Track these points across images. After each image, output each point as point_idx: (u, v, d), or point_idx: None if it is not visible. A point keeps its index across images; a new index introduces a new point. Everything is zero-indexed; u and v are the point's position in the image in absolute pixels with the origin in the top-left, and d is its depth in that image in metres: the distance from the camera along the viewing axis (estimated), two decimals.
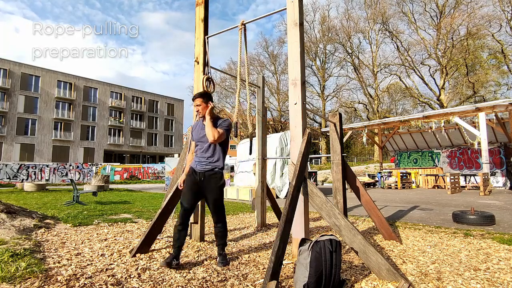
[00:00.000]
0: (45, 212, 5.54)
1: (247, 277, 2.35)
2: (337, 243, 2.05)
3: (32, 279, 2.20)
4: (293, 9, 2.85)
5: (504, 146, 14.24)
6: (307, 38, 36.67)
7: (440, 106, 29.40)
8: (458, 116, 11.94)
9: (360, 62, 36.25)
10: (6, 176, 21.87)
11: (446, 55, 29.25)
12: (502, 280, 2.24)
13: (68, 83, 35.85)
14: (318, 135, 35.71)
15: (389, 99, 37.01)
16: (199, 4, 3.80)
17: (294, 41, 2.80)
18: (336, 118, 4.18)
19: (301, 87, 2.74)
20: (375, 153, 35.21)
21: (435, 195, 10.12)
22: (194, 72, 3.76)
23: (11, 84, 31.76)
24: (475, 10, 27.56)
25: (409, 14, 32.50)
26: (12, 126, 31.73)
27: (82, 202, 7.69)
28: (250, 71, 36.22)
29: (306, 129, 2.72)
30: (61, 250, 3.12)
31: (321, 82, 39.05)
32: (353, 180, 3.96)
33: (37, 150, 32.97)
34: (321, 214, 2.45)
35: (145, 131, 42.16)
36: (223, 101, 41.61)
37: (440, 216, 5.38)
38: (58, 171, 23.98)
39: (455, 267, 2.57)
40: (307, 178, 2.55)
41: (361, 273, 2.42)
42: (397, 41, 33.42)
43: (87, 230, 4.27)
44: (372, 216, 3.76)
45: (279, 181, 10.38)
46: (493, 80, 29.79)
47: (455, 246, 3.28)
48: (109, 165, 26.74)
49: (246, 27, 3.37)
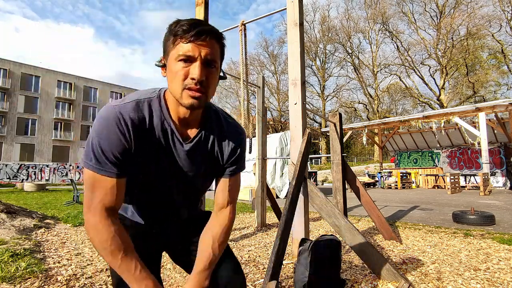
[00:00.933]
0: (45, 212, 5.54)
1: (247, 277, 2.35)
2: (337, 243, 2.05)
3: (32, 279, 2.20)
4: (293, 9, 2.85)
5: (504, 146, 14.23)
6: (307, 38, 36.67)
7: (440, 106, 29.40)
8: (458, 116, 11.93)
9: (360, 62, 36.28)
10: (6, 176, 21.87)
11: (446, 55, 29.26)
12: (502, 280, 2.24)
13: (68, 83, 35.85)
14: (318, 135, 35.71)
15: (389, 99, 37.03)
16: (199, 4, 3.80)
17: (294, 41, 2.80)
18: (336, 118, 4.18)
19: (301, 87, 2.74)
20: (375, 153, 35.20)
21: (435, 195, 10.11)
22: None
23: (11, 84, 31.75)
24: (475, 10, 27.57)
25: (409, 14, 32.51)
26: (12, 126, 31.72)
27: (82, 202, 7.69)
28: (250, 71, 36.23)
29: (306, 129, 2.71)
30: (61, 250, 3.12)
31: (321, 82, 39.07)
32: (353, 180, 3.95)
33: (37, 150, 32.96)
34: (321, 214, 2.45)
35: None
36: (223, 101, 41.69)
37: (440, 216, 5.38)
38: (58, 171, 23.99)
39: (455, 267, 2.57)
40: (307, 178, 2.55)
41: (361, 273, 2.42)
42: (397, 41, 33.47)
43: None
44: (372, 216, 3.76)
45: (279, 181, 10.38)
46: (493, 80, 29.81)
47: (455, 246, 3.28)
48: None
49: (246, 27, 3.37)
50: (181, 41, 0.76)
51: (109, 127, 0.76)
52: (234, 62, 39.70)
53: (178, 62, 0.76)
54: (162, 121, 0.85)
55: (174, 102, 0.84)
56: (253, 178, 9.87)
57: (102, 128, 0.76)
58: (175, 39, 0.77)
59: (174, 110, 0.85)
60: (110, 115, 0.77)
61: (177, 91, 0.78)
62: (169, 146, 0.87)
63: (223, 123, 0.97)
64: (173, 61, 0.77)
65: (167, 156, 0.88)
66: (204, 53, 0.76)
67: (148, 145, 0.84)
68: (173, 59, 0.77)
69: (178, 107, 0.84)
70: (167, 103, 0.86)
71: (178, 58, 0.76)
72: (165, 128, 0.85)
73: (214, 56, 0.78)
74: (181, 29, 0.75)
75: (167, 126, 0.86)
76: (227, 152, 0.96)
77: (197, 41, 0.75)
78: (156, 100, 0.85)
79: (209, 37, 0.76)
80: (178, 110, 0.85)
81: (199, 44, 0.75)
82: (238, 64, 3.62)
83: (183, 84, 0.77)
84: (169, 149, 0.88)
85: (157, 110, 0.84)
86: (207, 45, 0.76)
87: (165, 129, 0.85)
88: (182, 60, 0.76)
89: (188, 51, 0.75)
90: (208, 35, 0.76)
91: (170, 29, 0.78)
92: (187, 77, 0.76)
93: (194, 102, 0.77)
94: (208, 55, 0.77)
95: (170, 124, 0.86)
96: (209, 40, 0.77)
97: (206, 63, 0.77)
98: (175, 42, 0.77)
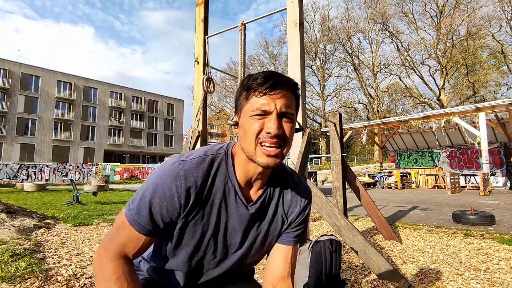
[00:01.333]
0: (45, 212, 5.54)
1: None
2: (337, 243, 2.05)
3: (32, 279, 2.20)
4: (293, 9, 2.85)
5: (504, 146, 14.24)
6: (307, 38, 36.68)
7: (440, 106, 29.41)
8: (458, 116, 11.94)
9: (360, 62, 36.29)
10: (6, 176, 21.87)
11: (446, 55, 29.27)
12: (502, 280, 2.24)
13: (68, 83, 35.86)
14: (318, 135, 35.71)
15: (389, 99, 37.05)
16: (199, 4, 3.80)
17: (294, 41, 2.80)
18: (336, 118, 4.18)
19: (301, 87, 2.74)
20: (375, 153, 35.22)
21: (435, 195, 10.11)
22: (194, 72, 3.76)
23: (11, 84, 31.76)
24: (475, 10, 27.60)
25: (409, 14, 32.53)
26: (12, 126, 31.73)
27: (82, 202, 7.69)
28: (250, 71, 36.21)
29: (306, 129, 2.72)
30: (61, 250, 3.12)
31: (321, 82, 39.09)
32: (353, 180, 3.96)
33: (37, 150, 32.96)
34: (321, 214, 2.45)
35: (145, 131, 42.15)
36: (223, 101, 41.71)
37: (440, 216, 5.38)
38: (58, 171, 23.98)
39: (455, 267, 2.57)
40: (307, 178, 2.55)
41: (361, 273, 2.42)
42: (397, 41, 33.49)
43: (87, 230, 4.27)
44: (372, 216, 3.76)
45: None
46: (493, 80, 29.83)
47: (455, 246, 3.28)
48: (109, 165, 26.73)
49: (246, 27, 3.37)
50: (254, 95, 0.71)
51: (166, 183, 0.71)
52: (234, 62, 39.76)
53: (252, 117, 0.70)
54: (226, 181, 0.77)
55: (243, 159, 0.76)
56: None
57: (159, 181, 0.72)
58: (248, 94, 0.72)
59: (242, 168, 0.77)
60: (172, 171, 0.72)
61: (251, 147, 0.71)
62: (230, 208, 0.78)
63: (290, 181, 0.87)
64: (246, 117, 0.71)
65: (226, 219, 0.78)
66: (280, 105, 0.70)
67: (205, 207, 0.76)
68: (246, 114, 0.72)
69: (247, 164, 0.76)
70: (234, 159, 0.79)
71: (252, 113, 0.70)
72: (228, 189, 0.77)
73: (290, 108, 0.72)
74: (255, 83, 0.70)
75: (231, 186, 0.77)
76: (295, 213, 0.86)
77: (271, 93, 0.69)
78: (223, 156, 0.78)
79: (284, 89, 0.71)
80: (247, 168, 0.77)
81: (274, 96, 0.69)
82: (238, 64, 3.58)
83: (257, 138, 0.70)
84: (230, 212, 0.78)
85: (222, 169, 0.77)
86: (283, 97, 0.70)
87: (228, 190, 0.77)
88: (256, 115, 0.70)
89: (262, 105, 0.69)
90: (283, 86, 0.70)
91: (242, 84, 0.74)
92: (261, 132, 0.69)
93: (269, 160, 0.70)
94: (284, 107, 0.70)
95: (234, 185, 0.77)
96: (284, 92, 0.71)
97: (282, 116, 0.71)
98: (249, 97, 0.72)
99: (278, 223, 0.86)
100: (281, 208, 0.85)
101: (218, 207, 0.77)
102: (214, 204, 0.76)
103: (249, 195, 0.81)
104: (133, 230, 0.72)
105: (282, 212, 0.85)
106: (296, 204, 0.87)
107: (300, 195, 0.88)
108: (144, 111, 42.29)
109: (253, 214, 0.80)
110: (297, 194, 0.87)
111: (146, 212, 0.71)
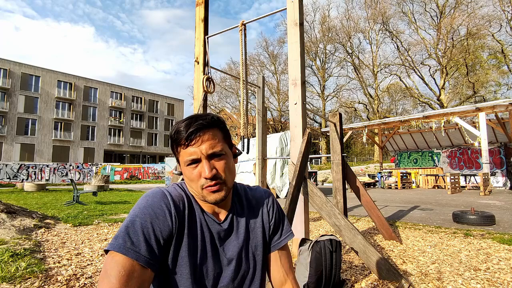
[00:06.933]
0: (45, 212, 5.54)
1: None
2: (337, 243, 2.05)
3: (32, 279, 2.20)
4: (293, 9, 2.85)
5: (504, 146, 14.24)
6: (307, 38, 36.67)
7: (440, 106, 29.41)
8: (458, 116, 11.94)
9: (360, 62, 36.28)
10: (6, 176, 21.88)
11: (446, 55, 29.26)
12: (502, 280, 2.24)
13: (68, 83, 35.86)
14: (318, 135, 35.72)
15: (389, 99, 37.04)
16: (199, 4, 3.80)
17: (294, 41, 2.80)
18: (336, 118, 4.18)
19: (301, 87, 2.74)
20: (375, 153, 35.21)
21: (435, 195, 10.11)
22: (194, 72, 3.76)
23: (11, 84, 31.76)
24: (475, 10, 27.59)
25: (409, 14, 32.52)
26: (12, 126, 31.73)
27: (82, 202, 7.70)
28: (250, 71, 36.27)
29: (306, 129, 2.71)
30: (61, 250, 3.12)
31: (321, 82, 39.08)
32: (353, 180, 3.96)
33: (37, 150, 32.97)
34: (321, 214, 2.45)
35: (145, 131, 42.15)
36: (223, 101, 41.70)
37: (440, 216, 5.37)
38: (58, 171, 24.00)
39: (455, 267, 2.57)
40: (307, 178, 2.55)
41: (361, 273, 2.41)
42: (397, 41, 33.47)
43: (87, 230, 4.27)
44: (372, 216, 3.76)
45: (279, 181, 10.38)
46: (493, 80, 29.82)
47: (455, 246, 3.28)
48: (109, 165, 26.74)
49: (246, 27, 3.38)
50: (181, 148, 0.77)
51: (155, 202, 0.74)
52: (234, 62, 39.75)
53: (188, 167, 0.77)
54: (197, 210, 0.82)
55: (198, 198, 0.82)
56: (254, 178, 9.86)
57: (147, 204, 0.73)
58: (177, 147, 0.78)
59: (202, 203, 0.83)
60: (157, 193, 0.77)
61: (198, 192, 0.78)
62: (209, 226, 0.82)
63: (249, 193, 0.93)
64: (184, 167, 0.79)
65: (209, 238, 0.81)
66: (205, 149, 0.75)
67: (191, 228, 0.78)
68: (184, 165, 0.78)
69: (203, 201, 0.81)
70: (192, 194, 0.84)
71: (186, 164, 0.77)
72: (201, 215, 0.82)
73: (216, 146, 0.77)
74: (179, 137, 0.76)
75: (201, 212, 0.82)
76: (265, 212, 0.91)
77: (192, 144, 0.75)
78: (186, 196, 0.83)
79: (205, 132, 0.76)
80: (204, 203, 0.82)
81: (196, 144, 0.75)
82: (238, 64, 3.61)
83: (200, 185, 0.77)
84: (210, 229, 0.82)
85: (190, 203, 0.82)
86: (206, 140, 0.76)
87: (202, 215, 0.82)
88: (189, 165, 0.77)
89: (190, 155, 0.76)
90: (202, 131, 0.76)
91: (170, 137, 0.80)
92: (200, 178, 0.76)
93: (216, 196, 0.77)
94: (210, 149, 0.76)
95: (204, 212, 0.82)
96: (206, 135, 0.76)
97: (212, 157, 0.77)
98: (178, 150, 0.78)
99: (258, 233, 0.88)
100: (253, 219, 0.89)
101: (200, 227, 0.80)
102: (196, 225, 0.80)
103: (218, 218, 0.85)
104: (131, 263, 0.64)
105: (257, 221, 0.89)
106: (263, 205, 0.92)
107: (261, 197, 0.93)
108: (144, 111, 42.29)
109: (227, 228, 0.84)
110: (259, 198, 0.93)
111: (140, 237, 0.68)
